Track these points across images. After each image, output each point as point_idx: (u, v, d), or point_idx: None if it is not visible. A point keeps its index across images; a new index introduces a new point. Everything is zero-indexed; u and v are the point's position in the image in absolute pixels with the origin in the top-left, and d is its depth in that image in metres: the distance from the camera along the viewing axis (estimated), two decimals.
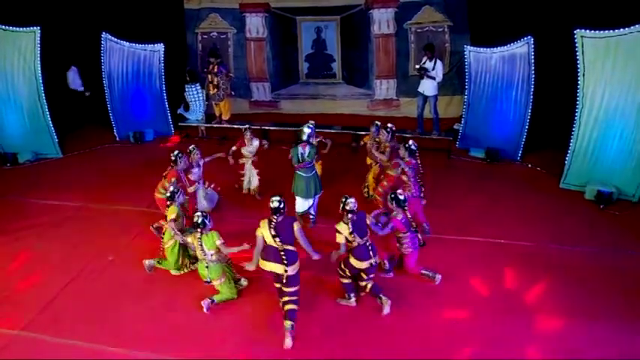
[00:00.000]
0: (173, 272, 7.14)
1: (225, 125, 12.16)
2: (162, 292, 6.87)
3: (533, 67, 9.88)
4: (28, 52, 10.74)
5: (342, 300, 6.55)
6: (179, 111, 12.45)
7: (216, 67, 11.49)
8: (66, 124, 12.28)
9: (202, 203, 8.40)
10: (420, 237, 6.81)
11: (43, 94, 10.91)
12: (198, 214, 6.35)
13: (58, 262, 7.55)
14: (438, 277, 6.84)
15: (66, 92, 12.77)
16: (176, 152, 7.99)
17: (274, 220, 5.84)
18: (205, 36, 13.76)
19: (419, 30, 12.58)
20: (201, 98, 12.25)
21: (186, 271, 7.14)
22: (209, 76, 11.59)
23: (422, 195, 7.79)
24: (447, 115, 12.14)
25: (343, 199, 6.12)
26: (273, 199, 5.87)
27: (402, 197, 6.66)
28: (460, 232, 8.09)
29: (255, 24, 13.53)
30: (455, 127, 11.65)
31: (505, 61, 10.39)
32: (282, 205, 5.86)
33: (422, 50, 11.30)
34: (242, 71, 13.96)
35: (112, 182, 10.13)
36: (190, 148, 8.40)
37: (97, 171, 10.73)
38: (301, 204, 8.13)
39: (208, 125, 12.39)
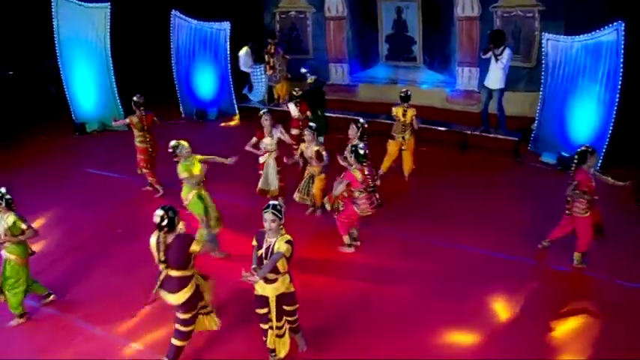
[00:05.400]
0: None
1: (284, 108, 11.75)
2: None
3: (621, 60, 8.16)
4: (100, 27, 11.25)
5: None
6: (244, 91, 12.30)
7: (273, 47, 11.15)
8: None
9: None
10: (377, 196, 6.58)
11: (112, 68, 11.38)
12: None
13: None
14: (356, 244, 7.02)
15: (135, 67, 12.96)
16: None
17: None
18: (283, 15, 13.39)
19: (505, 14, 10.95)
20: (264, 80, 11.96)
21: None
22: (266, 57, 11.30)
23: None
24: (531, 114, 10.55)
25: None
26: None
27: (362, 152, 6.36)
28: (504, 249, 6.96)
29: (335, 2, 12.82)
30: (533, 126, 10.11)
31: (588, 52, 8.71)
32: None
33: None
34: (321, 52, 13.45)
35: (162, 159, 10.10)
36: None
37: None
38: None
39: (269, 107, 12.08)
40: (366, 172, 6.44)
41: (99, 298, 6.26)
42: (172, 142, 6.71)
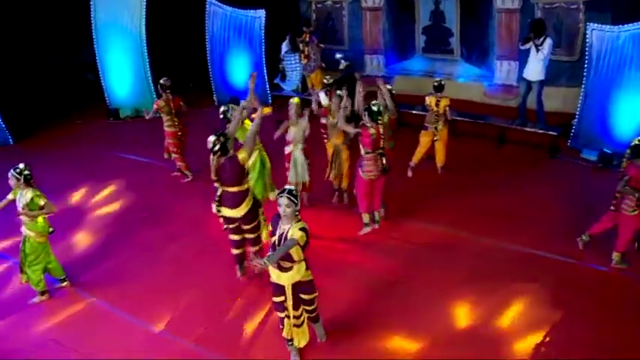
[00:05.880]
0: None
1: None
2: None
3: None
4: (136, 13, 11.32)
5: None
6: (275, 80, 12.20)
7: (308, 36, 11.04)
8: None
9: None
10: (383, 160, 6.56)
11: (146, 54, 11.44)
12: None
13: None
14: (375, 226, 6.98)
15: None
16: None
17: None
18: (320, 5, 13.26)
19: (547, 6, 10.52)
20: (298, 69, 11.84)
21: None
22: (301, 45, 11.20)
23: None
24: (573, 109, 10.08)
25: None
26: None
27: (375, 109, 6.41)
28: (540, 246, 6.65)
29: None
30: (573, 122, 9.68)
31: (636, 41, 8.27)
32: None
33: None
34: (357, 42, 13.27)
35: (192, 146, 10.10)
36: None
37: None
38: None
39: (302, 97, 11.96)
40: (381, 132, 6.49)
41: (121, 280, 6.29)
42: (222, 108, 6.93)
